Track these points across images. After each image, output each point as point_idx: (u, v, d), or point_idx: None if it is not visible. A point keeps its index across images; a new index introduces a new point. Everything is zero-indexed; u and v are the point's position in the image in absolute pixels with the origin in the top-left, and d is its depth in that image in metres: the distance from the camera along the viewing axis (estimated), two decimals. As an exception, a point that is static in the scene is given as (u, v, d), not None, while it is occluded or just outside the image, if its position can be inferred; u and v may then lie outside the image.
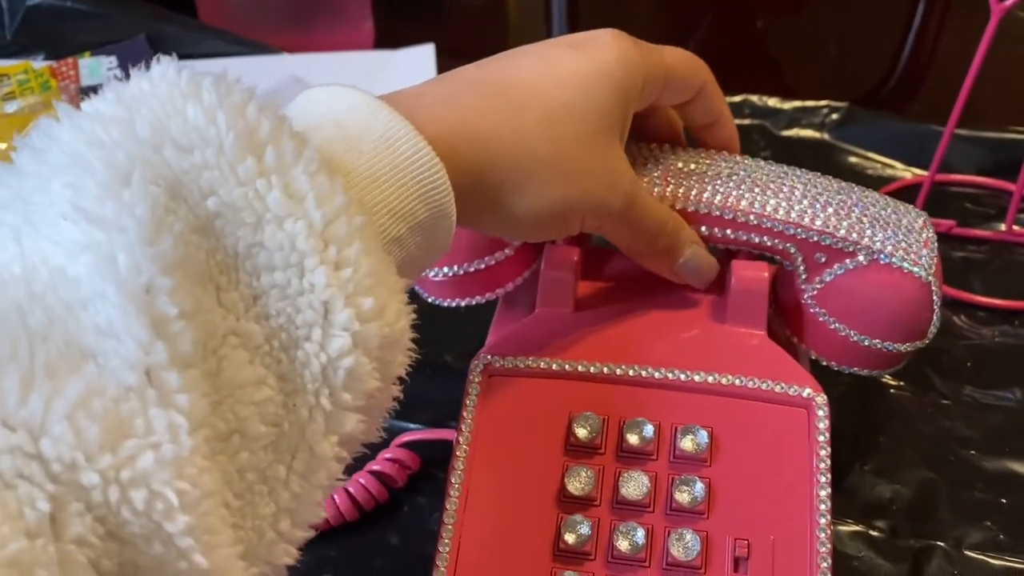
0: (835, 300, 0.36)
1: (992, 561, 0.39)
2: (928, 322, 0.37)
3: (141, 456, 0.20)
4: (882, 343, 0.36)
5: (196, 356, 0.22)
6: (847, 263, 0.35)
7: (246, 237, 0.23)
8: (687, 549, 0.31)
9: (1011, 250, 0.55)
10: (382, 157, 0.26)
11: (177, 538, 0.21)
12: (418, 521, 0.41)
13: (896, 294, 0.36)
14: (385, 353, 0.24)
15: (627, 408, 0.34)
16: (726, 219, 0.36)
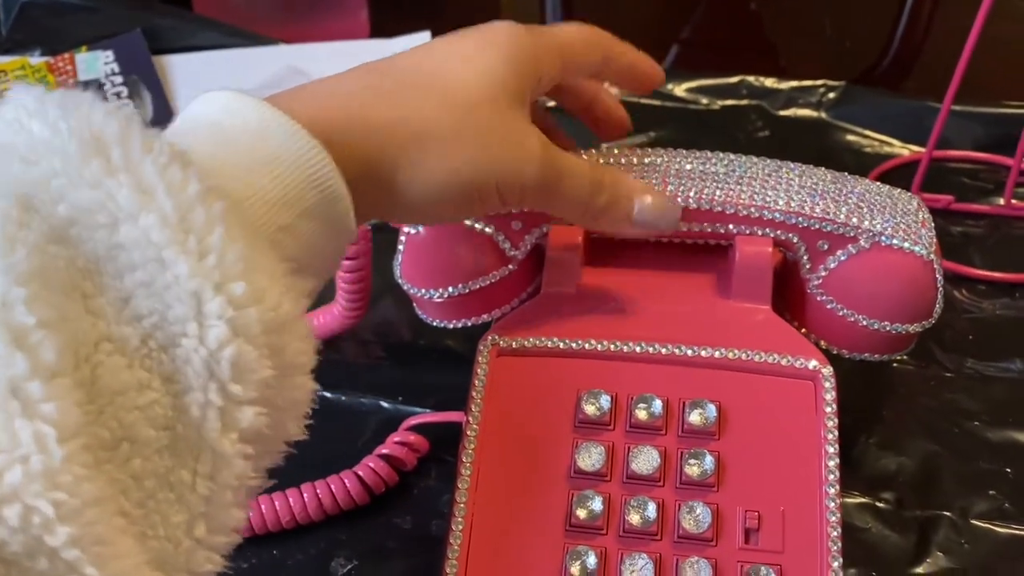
0: (840, 286, 0.37)
1: (998, 529, 0.39)
2: (933, 300, 0.37)
3: (9, 471, 0.20)
4: (890, 325, 0.37)
5: (64, 365, 0.21)
6: (849, 248, 0.36)
7: (104, 239, 0.22)
8: (698, 521, 0.31)
9: (1009, 224, 0.55)
10: (256, 149, 0.25)
11: (62, 551, 0.20)
12: (429, 503, 0.41)
13: (899, 274, 0.36)
14: (272, 339, 0.23)
15: (635, 384, 0.34)
16: (728, 214, 0.36)
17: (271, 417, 0.24)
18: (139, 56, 0.64)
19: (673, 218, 0.35)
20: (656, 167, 0.37)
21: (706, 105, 0.65)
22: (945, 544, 0.39)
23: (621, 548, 0.31)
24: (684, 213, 0.36)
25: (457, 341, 0.48)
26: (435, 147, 0.29)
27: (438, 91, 0.30)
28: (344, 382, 0.46)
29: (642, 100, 0.65)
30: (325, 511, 0.40)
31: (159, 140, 0.23)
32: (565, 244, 0.37)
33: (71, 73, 0.63)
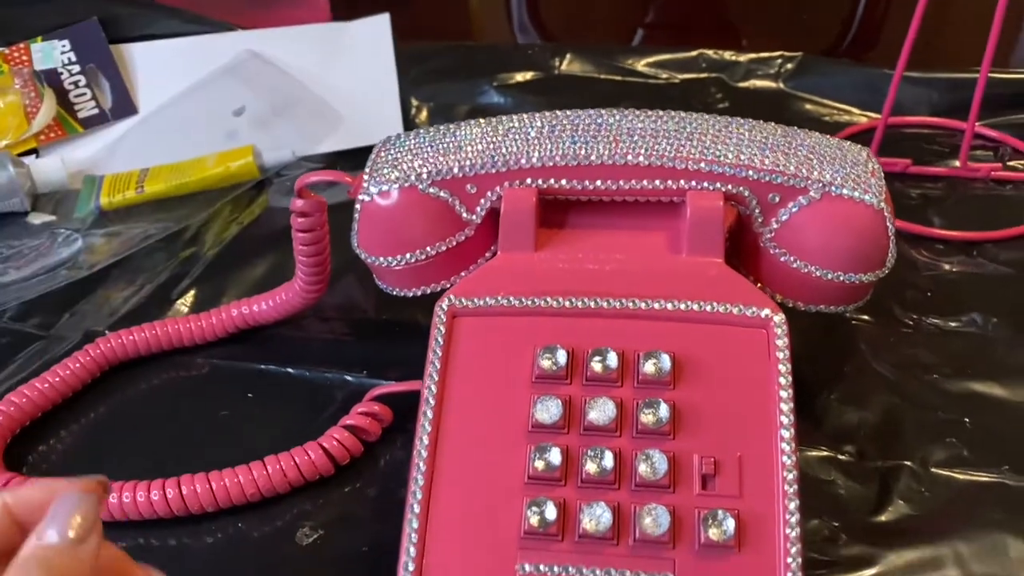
0: (793, 239, 0.37)
1: (958, 476, 0.40)
2: (885, 249, 0.38)
3: None
4: (844, 275, 0.37)
5: None
6: (800, 200, 0.36)
7: None
8: (655, 469, 0.32)
9: (966, 184, 0.56)
10: None
11: None
12: (395, 472, 0.41)
13: (851, 223, 0.36)
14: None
15: (591, 339, 0.34)
16: (679, 170, 0.36)
17: None
18: (96, 45, 0.64)
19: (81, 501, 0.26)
20: (609, 126, 0.37)
21: (667, 79, 0.65)
22: (906, 492, 0.39)
23: (580, 498, 0.32)
24: (636, 171, 0.36)
25: (420, 314, 0.48)
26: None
27: None
28: (308, 358, 0.46)
29: (603, 76, 0.66)
30: (290, 483, 0.40)
31: None
32: (519, 206, 0.37)
33: (27, 63, 0.62)
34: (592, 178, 0.37)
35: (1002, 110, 0.59)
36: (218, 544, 0.39)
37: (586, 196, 0.37)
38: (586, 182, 0.37)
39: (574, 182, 0.37)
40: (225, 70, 0.64)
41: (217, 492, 0.39)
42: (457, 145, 0.38)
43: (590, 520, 0.31)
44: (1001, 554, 0.37)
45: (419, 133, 0.39)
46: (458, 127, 0.39)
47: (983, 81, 0.52)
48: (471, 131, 0.38)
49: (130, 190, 0.58)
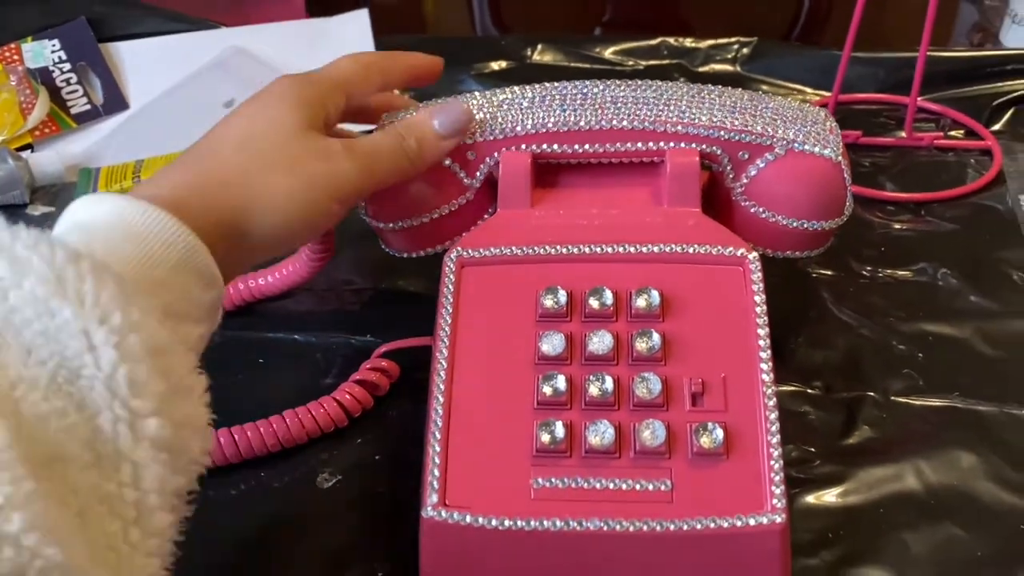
0: (761, 191, 0.41)
1: (914, 403, 0.44)
2: (843, 199, 0.42)
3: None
4: (807, 223, 0.41)
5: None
6: (767, 156, 0.40)
7: (0, 309, 0.27)
8: (650, 390, 0.35)
9: (912, 153, 0.61)
10: (115, 228, 0.31)
11: (22, 537, 0.23)
12: (406, 423, 0.44)
13: (813, 176, 0.41)
14: (158, 361, 0.28)
15: (587, 280, 0.38)
16: (658, 132, 0.40)
17: (173, 430, 0.28)
18: (85, 43, 0.66)
19: (465, 113, 0.40)
20: (594, 96, 0.41)
21: (632, 66, 0.69)
22: (870, 419, 0.44)
23: (584, 418, 0.35)
24: (620, 134, 0.40)
25: (416, 282, 0.52)
26: (263, 187, 0.35)
27: (243, 145, 0.36)
28: (314, 325, 0.49)
29: (573, 64, 0.70)
30: (307, 433, 0.43)
31: (21, 228, 0.29)
32: (516, 169, 0.41)
33: (18, 62, 0.65)
34: (581, 142, 0.40)
35: (941, 85, 0.64)
36: (243, 493, 0.42)
37: (575, 159, 0.41)
38: (575, 146, 0.40)
39: (565, 146, 0.40)
40: (213, 65, 0.66)
41: (240, 443, 0.42)
42: (456, 119, 0.41)
43: (595, 436, 0.34)
44: (955, 467, 0.42)
45: (415, 108, 0.43)
46: (456, 99, 0.42)
47: (923, 60, 0.56)
48: (469, 102, 0.42)
49: (127, 180, 0.60)
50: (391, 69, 0.42)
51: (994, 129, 0.62)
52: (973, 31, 0.81)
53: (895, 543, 0.39)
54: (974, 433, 0.43)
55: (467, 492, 0.34)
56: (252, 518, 0.41)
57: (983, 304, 0.49)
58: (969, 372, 0.46)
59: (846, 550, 0.38)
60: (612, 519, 0.33)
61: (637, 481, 0.34)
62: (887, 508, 0.40)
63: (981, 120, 0.62)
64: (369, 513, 0.41)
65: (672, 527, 0.33)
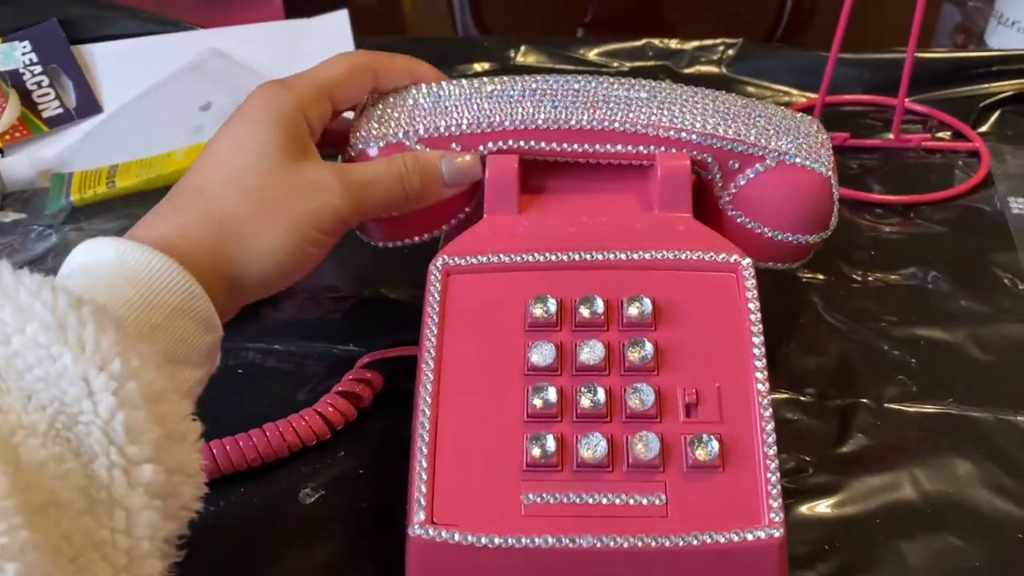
0: (749, 202, 0.40)
1: (908, 410, 0.44)
2: (830, 214, 0.41)
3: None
4: (792, 236, 0.41)
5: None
6: (757, 167, 0.40)
7: (2, 353, 0.27)
8: (643, 401, 0.34)
9: (899, 154, 0.60)
10: (116, 272, 0.31)
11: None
12: (390, 433, 0.43)
13: (801, 190, 0.40)
14: (155, 408, 0.28)
15: (577, 288, 0.37)
16: (650, 136, 0.39)
17: (166, 476, 0.28)
18: (57, 45, 0.64)
19: (475, 166, 0.40)
20: (586, 93, 0.40)
21: (616, 67, 0.69)
22: (864, 426, 0.43)
23: (576, 431, 0.34)
24: (611, 136, 0.39)
25: (397, 290, 0.50)
26: (253, 224, 0.35)
27: (232, 178, 0.36)
28: (294, 333, 0.48)
29: (557, 66, 0.69)
30: (289, 447, 0.42)
31: (26, 275, 0.29)
32: (503, 172, 0.40)
33: (-12, 65, 0.63)
34: (570, 141, 0.39)
35: (928, 87, 0.64)
36: (223, 509, 0.40)
37: (564, 158, 0.40)
38: (565, 145, 0.39)
39: (553, 144, 0.39)
40: (189, 67, 0.65)
41: (219, 458, 0.41)
42: (443, 106, 0.40)
43: (587, 449, 0.33)
44: (951, 475, 0.41)
45: (401, 93, 0.41)
46: (440, 87, 0.41)
47: (910, 61, 0.56)
48: (455, 91, 0.40)
49: (101, 186, 0.58)
50: (385, 72, 0.41)
51: (981, 131, 0.62)
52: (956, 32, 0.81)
53: (892, 554, 0.38)
54: (969, 440, 0.42)
55: (455, 509, 0.33)
56: (231, 535, 0.40)
57: (974, 308, 0.49)
58: (962, 378, 0.45)
59: (842, 562, 0.38)
60: (605, 535, 0.32)
61: (631, 496, 0.33)
62: (883, 518, 0.39)
63: (968, 122, 0.62)
64: (353, 529, 0.39)
65: (667, 543, 0.32)
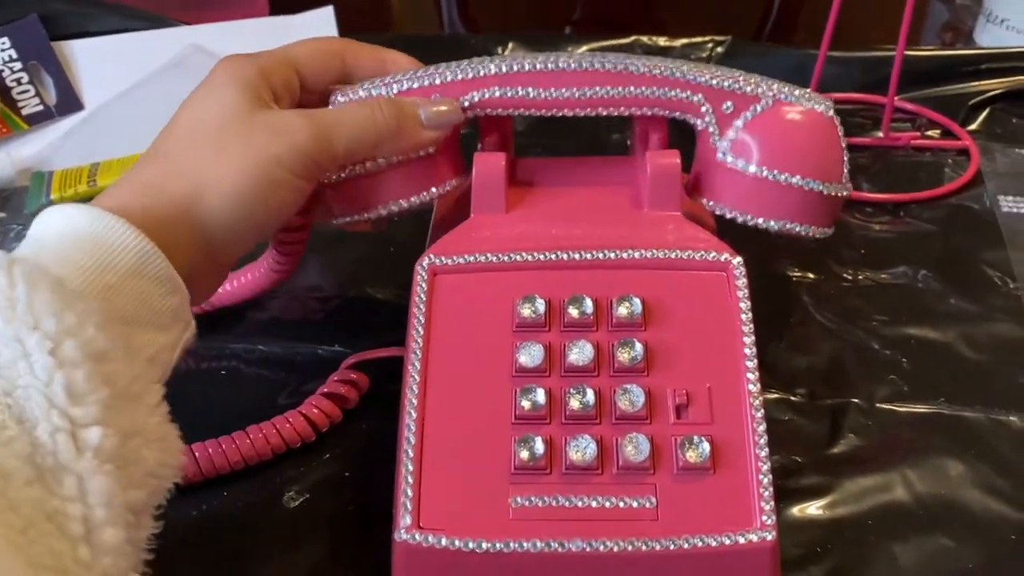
0: (749, 146, 0.38)
1: (899, 409, 0.43)
2: (839, 160, 0.39)
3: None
4: (802, 180, 0.38)
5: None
6: (754, 107, 0.38)
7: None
8: (633, 402, 0.34)
9: (889, 153, 0.60)
10: (66, 236, 0.30)
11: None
12: (374, 436, 0.42)
13: (804, 126, 0.38)
14: (99, 367, 0.27)
15: (566, 288, 0.36)
16: (644, 75, 0.38)
17: (120, 440, 0.27)
18: (37, 41, 0.63)
19: (455, 110, 0.38)
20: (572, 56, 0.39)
21: (605, 65, 0.68)
22: (855, 427, 0.43)
23: (565, 433, 0.33)
24: (599, 77, 0.38)
25: (382, 290, 0.50)
26: (213, 172, 0.34)
27: (198, 136, 0.35)
28: (278, 334, 0.47)
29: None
30: (273, 450, 0.41)
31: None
32: (490, 171, 0.39)
33: (-33, 61, 0.62)
34: (557, 85, 0.38)
35: (917, 85, 0.64)
36: (205, 513, 0.40)
37: (552, 108, 0.38)
38: (552, 90, 0.38)
39: (541, 90, 0.38)
40: (172, 64, 0.64)
41: (201, 461, 0.40)
42: (423, 69, 0.39)
43: (576, 451, 0.33)
44: (943, 475, 0.40)
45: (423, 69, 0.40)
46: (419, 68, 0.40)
47: (899, 60, 0.56)
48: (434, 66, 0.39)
49: (82, 184, 0.58)
50: (356, 59, 0.40)
51: (970, 129, 0.61)
52: (944, 30, 0.80)
53: (884, 556, 0.37)
54: (961, 440, 0.42)
55: (442, 513, 0.32)
56: (214, 540, 0.39)
57: (964, 307, 0.49)
58: (953, 377, 0.45)
59: (835, 564, 0.37)
60: (595, 539, 0.32)
61: (620, 498, 0.32)
62: (875, 520, 0.39)
63: (957, 120, 0.62)
64: (338, 534, 0.39)
65: (658, 546, 0.32)
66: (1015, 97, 0.63)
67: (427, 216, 0.45)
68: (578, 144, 0.59)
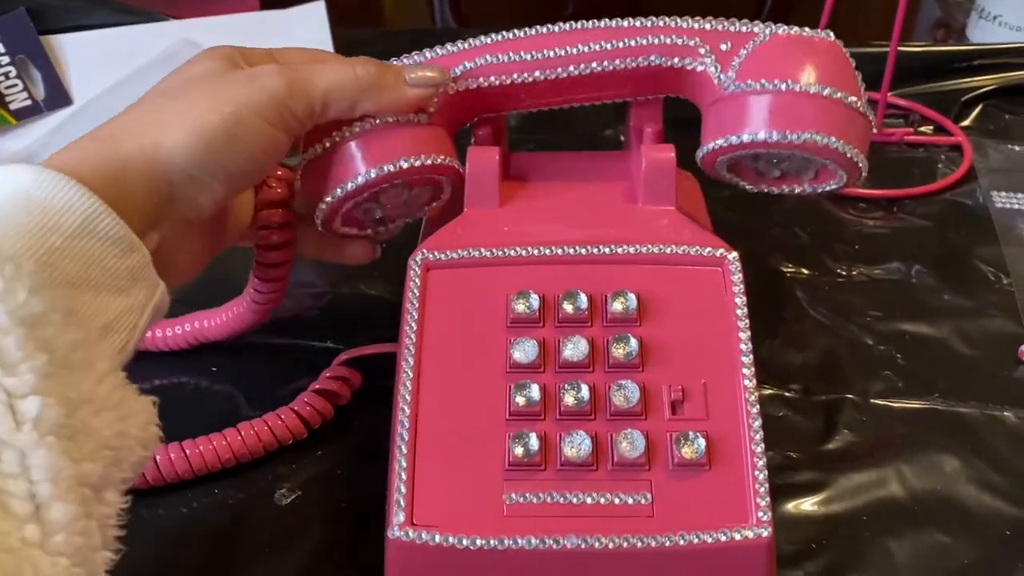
0: (756, 68, 0.36)
1: (894, 405, 0.43)
2: (852, 76, 0.36)
3: None
4: (818, 86, 0.35)
5: None
6: (752, 41, 0.36)
7: None
8: (628, 398, 0.33)
9: (883, 149, 0.60)
10: (7, 199, 0.28)
11: None
12: (368, 432, 0.42)
13: (810, 44, 0.36)
14: (34, 332, 0.26)
15: (560, 283, 0.36)
16: (633, 27, 0.37)
17: (65, 410, 0.26)
18: (24, 36, 0.63)
19: (442, 73, 0.37)
20: None
21: (598, 60, 0.68)
22: (850, 422, 0.42)
23: (559, 429, 0.33)
24: (591, 34, 0.37)
25: (376, 287, 0.49)
26: (175, 113, 0.32)
27: (166, 89, 0.34)
28: (270, 330, 0.47)
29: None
30: (264, 447, 0.41)
31: None
32: (483, 166, 0.39)
33: (-46, 55, 0.61)
34: (549, 45, 0.37)
35: (910, 81, 0.64)
36: (196, 511, 0.39)
37: (540, 68, 0.37)
38: (544, 51, 0.37)
39: (532, 52, 0.37)
40: (161, 59, 0.63)
41: (192, 458, 0.39)
42: (416, 52, 0.38)
43: (571, 447, 0.33)
44: (938, 471, 0.40)
45: None
46: None
47: (893, 55, 0.56)
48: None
49: (70, 179, 0.57)
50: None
51: (963, 125, 0.61)
52: (936, 26, 0.81)
53: (880, 552, 0.37)
54: (955, 436, 0.42)
55: (436, 510, 0.32)
56: (205, 537, 0.39)
57: (958, 302, 0.49)
58: (947, 372, 0.45)
59: (830, 560, 0.37)
60: (590, 536, 0.31)
61: (616, 495, 0.32)
62: (870, 515, 0.39)
63: (950, 116, 0.62)
64: (330, 531, 0.38)
65: (653, 543, 0.31)
66: (1008, 93, 0.63)
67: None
68: (572, 139, 0.58)
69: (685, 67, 0.37)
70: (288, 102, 0.33)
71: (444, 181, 0.38)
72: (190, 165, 0.32)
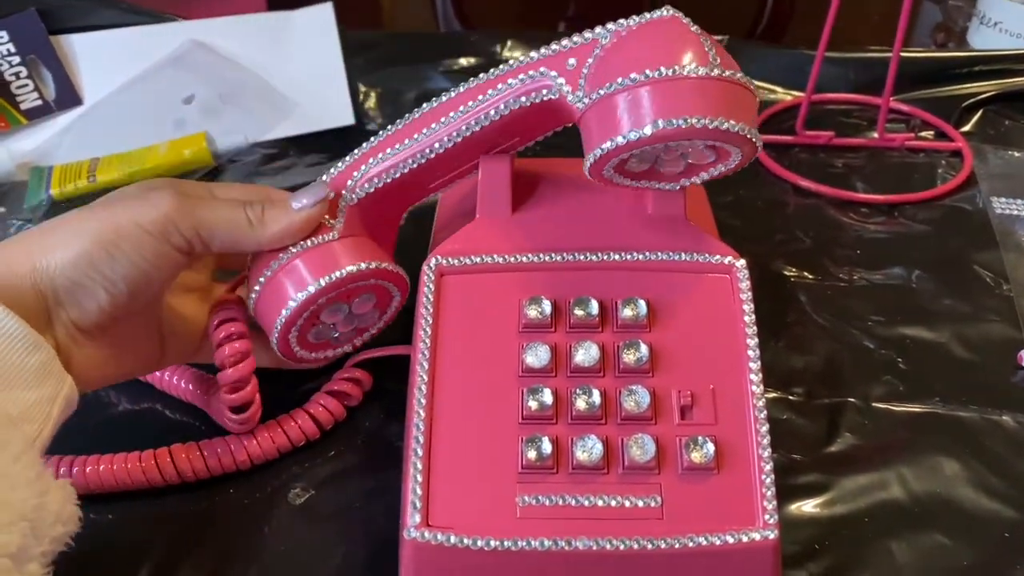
0: (603, 73, 0.35)
1: (896, 409, 0.44)
2: (699, 45, 0.35)
3: None
4: (667, 69, 0.33)
5: None
6: (595, 50, 0.36)
7: None
8: (638, 403, 0.34)
9: (884, 154, 0.61)
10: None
11: None
12: (379, 432, 0.43)
13: (649, 28, 0.36)
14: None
15: (571, 290, 0.37)
16: (486, 81, 0.38)
17: None
18: (36, 36, 0.63)
19: (324, 191, 0.38)
20: None
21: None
22: (852, 425, 0.43)
23: (571, 433, 0.34)
24: (450, 104, 0.38)
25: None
26: (62, 230, 0.35)
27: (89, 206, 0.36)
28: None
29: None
30: (278, 448, 0.41)
31: None
32: (495, 173, 0.39)
33: (-35, 55, 0.62)
34: (426, 124, 0.38)
35: (911, 86, 0.65)
36: (211, 510, 0.40)
37: (419, 153, 0.38)
38: (424, 130, 0.38)
39: (410, 138, 0.38)
40: (171, 59, 0.64)
41: (208, 459, 0.40)
42: None
43: (583, 451, 0.33)
44: (938, 474, 0.41)
45: None
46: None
47: (895, 61, 0.56)
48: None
49: (82, 179, 0.58)
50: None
51: (964, 130, 0.62)
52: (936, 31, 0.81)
53: (881, 553, 0.38)
54: (956, 439, 0.42)
55: (450, 511, 0.33)
56: (221, 536, 0.39)
57: (958, 307, 0.49)
58: (948, 377, 0.45)
59: (832, 561, 0.38)
60: (601, 537, 0.32)
61: (626, 497, 0.33)
62: (872, 517, 0.39)
63: (951, 121, 0.62)
64: (344, 530, 0.39)
65: (663, 545, 0.32)
66: (1008, 99, 0.64)
67: (428, 221, 0.46)
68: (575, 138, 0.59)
69: (543, 99, 0.37)
70: (174, 219, 0.35)
71: (382, 285, 0.39)
72: (69, 269, 0.34)
